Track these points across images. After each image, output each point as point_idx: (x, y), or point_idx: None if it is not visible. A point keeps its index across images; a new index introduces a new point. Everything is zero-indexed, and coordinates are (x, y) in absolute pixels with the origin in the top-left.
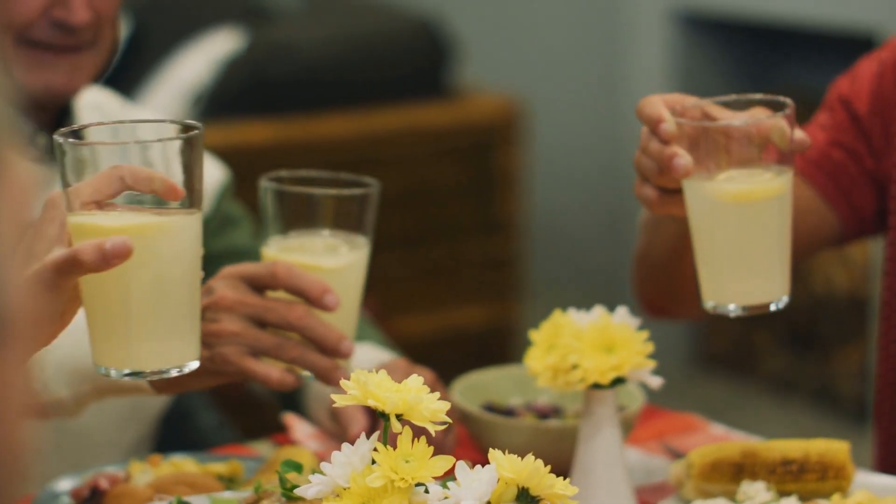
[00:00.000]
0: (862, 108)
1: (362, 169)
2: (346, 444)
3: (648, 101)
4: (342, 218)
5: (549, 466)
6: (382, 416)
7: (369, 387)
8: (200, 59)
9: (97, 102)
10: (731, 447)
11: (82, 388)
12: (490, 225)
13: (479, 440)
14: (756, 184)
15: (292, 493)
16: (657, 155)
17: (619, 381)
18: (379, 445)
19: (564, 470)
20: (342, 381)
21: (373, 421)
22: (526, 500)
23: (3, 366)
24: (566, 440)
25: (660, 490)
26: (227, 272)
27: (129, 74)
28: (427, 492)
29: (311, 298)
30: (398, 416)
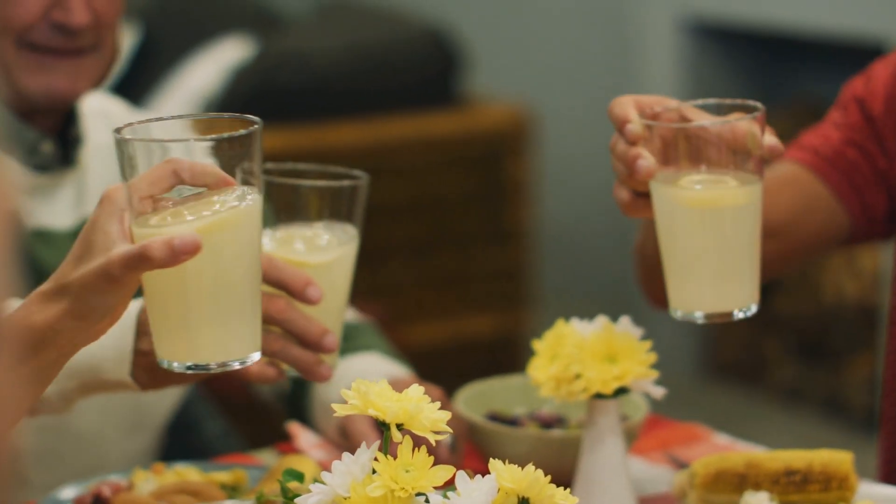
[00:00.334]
0: (876, 108)
1: (372, 177)
2: (346, 454)
3: (618, 102)
4: (331, 211)
5: (549, 476)
6: (383, 426)
7: (370, 396)
8: (210, 67)
9: (105, 109)
10: (735, 457)
11: (68, 385)
12: (499, 234)
13: (482, 449)
14: (720, 191)
15: (293, 503)
16: (622, 156)
17: (621, 391)
18: (379, 455)
19: (567, 480)
20: (343, 392)
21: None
22: None
23: None
24: (569, 450)
25: (663, 500)
26: None
27: (139, 82)
28: (427, 501)
29: (293, 291)
30: (399, 426)
